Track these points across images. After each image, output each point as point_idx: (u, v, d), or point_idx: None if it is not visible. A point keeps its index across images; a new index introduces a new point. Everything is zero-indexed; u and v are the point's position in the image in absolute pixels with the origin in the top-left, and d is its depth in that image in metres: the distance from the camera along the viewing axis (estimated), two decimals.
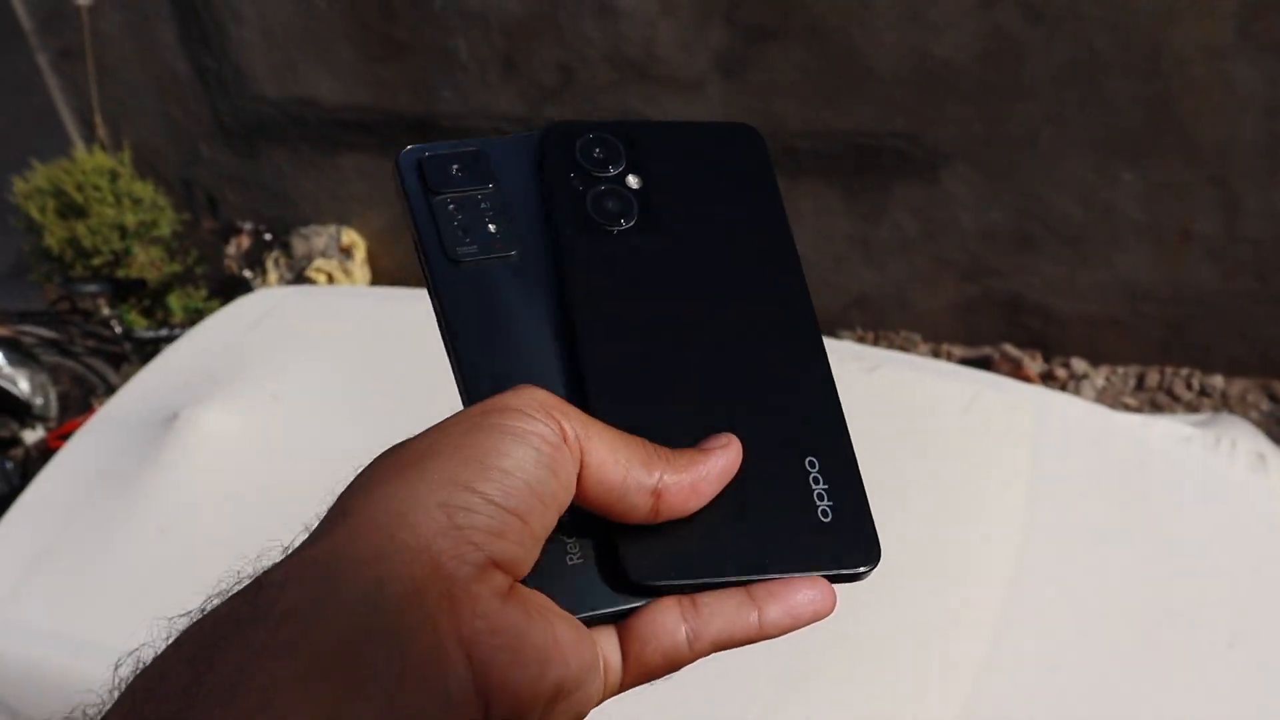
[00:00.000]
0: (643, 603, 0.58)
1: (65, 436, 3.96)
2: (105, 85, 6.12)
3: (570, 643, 0.52)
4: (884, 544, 0.63)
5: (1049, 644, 2.06)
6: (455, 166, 0.66)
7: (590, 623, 0.57)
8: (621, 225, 0.66)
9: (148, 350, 5.19)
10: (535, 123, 4.74)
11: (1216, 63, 4.04)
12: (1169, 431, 2.57)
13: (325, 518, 0.51)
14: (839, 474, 0.64)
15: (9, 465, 4.66)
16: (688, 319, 0.64)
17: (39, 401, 4.95)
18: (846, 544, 0.62)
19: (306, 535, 0.51)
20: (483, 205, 0.65)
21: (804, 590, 0.60)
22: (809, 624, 0.61)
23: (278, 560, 0.50)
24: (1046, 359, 4.97)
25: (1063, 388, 4.75)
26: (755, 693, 1.95)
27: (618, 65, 4.96)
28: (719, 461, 0.59)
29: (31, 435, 4.95)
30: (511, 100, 5.29)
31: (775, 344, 0.66)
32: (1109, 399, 4.72)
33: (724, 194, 0.69)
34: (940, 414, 2.50)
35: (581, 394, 0.61)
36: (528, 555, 0.52)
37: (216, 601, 0.49)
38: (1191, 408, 4.64)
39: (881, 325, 5.22)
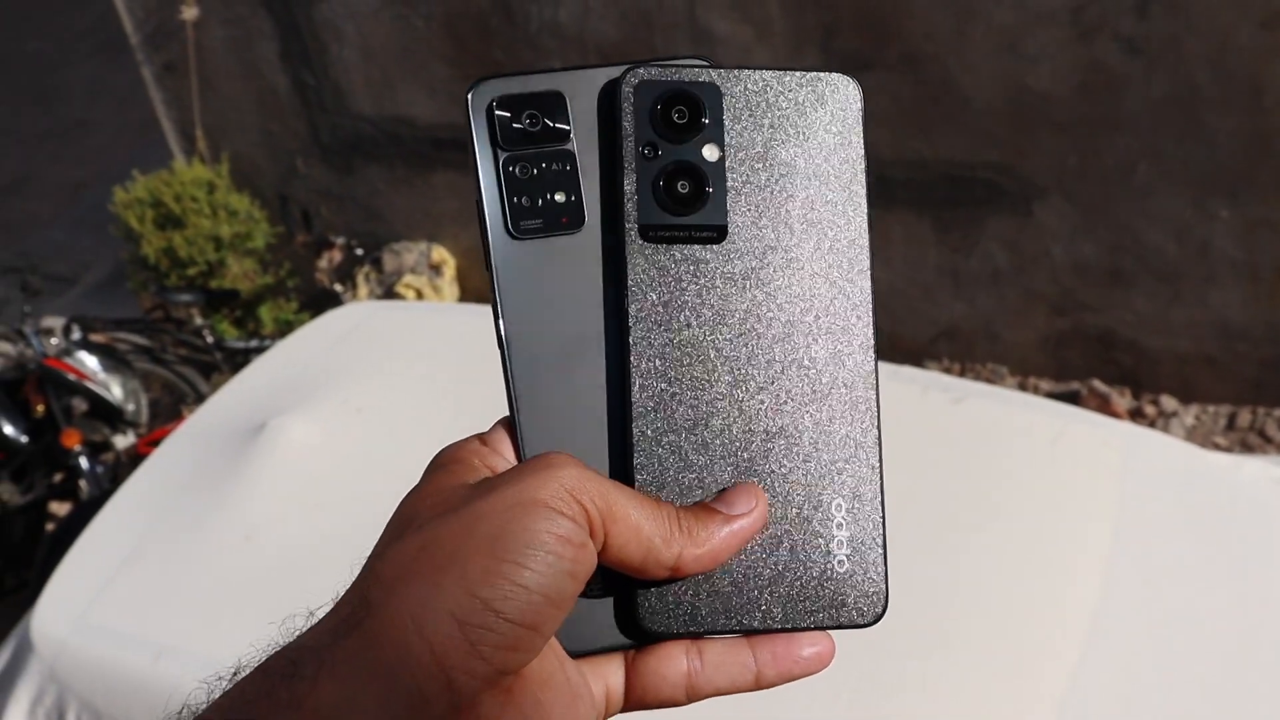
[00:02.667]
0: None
1: (155, 443, 4.02)
2: (206, 99, 6.22)
3: None
4: (969, 577, 0.62)
5: (1131, 682, 2.03)
6: (529, 117, 0.61)
7: (595, 653, 0.60)
8: (688, 215, 0.61)
9: (238, 360, 5.27)
10: None
11: None
12: (1260, 472, 2.52)
13: (353, 601, 0.53)
14: (864, 518, 0.63)
15: (99, 469, 4.74)
16: (741, 342, 0.62)
17: (131, 407, 5.03)
18: (856, 597, 0.63)
19: (334, 604, 0.55)
20: (553, 168, 0.61)
21: (807, 646, 0.62)
22: (806, 676, 0.63)
23: (307, 630, 0.53)
24: (1136, 396, 4.89)
25: (1151, 425, 4.67)
26: None
27: None
28: (743, 527, 0.60)
29: (122, 440, 5.04)
30: None
31: (827, 371, 0.63)
32: (1199, 438, 4.64)
33: (803, 178, 0.63)
34: (1027, 447, 2.47)
35: (625, 409, 0.61)
36: (535, 652, 0.54)
37: (247, 671, 0.54)
38: None
39: (969, 357, 5.17)
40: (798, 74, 0.64)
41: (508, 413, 0.62)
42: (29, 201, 8.62)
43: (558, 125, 0.62)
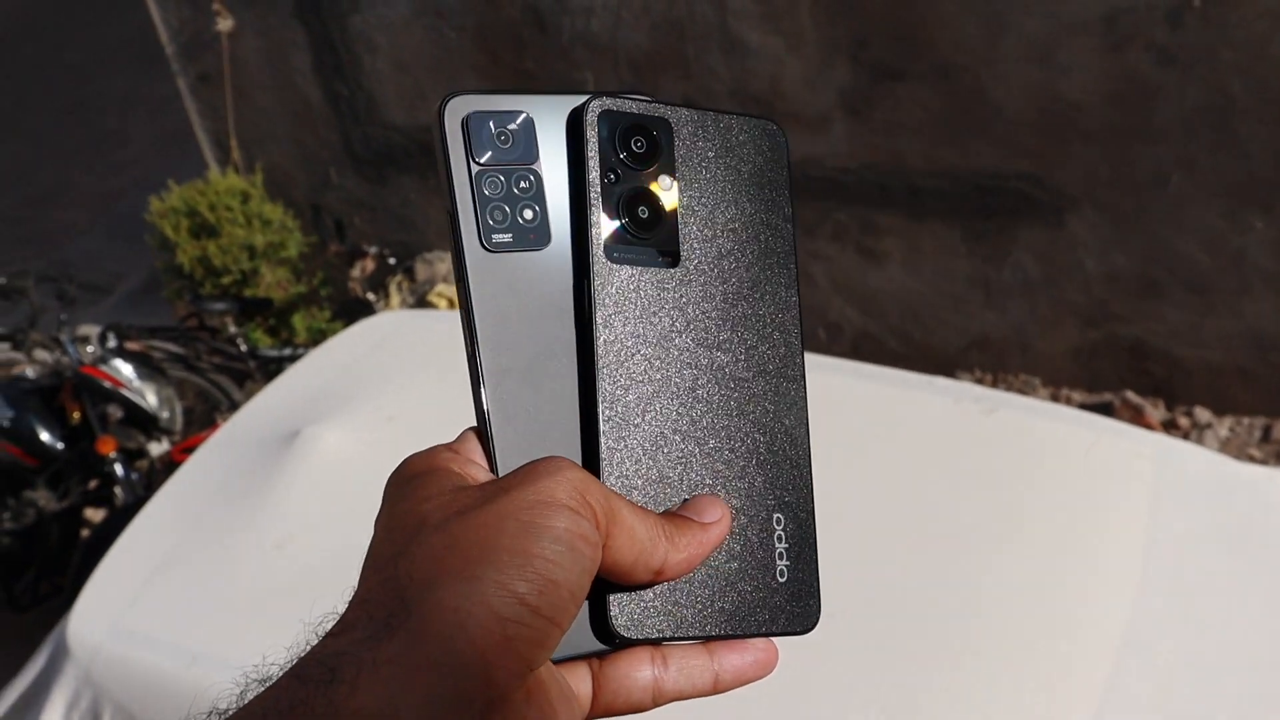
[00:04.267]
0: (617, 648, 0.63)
1: (189, 450, 4.04)
2: (241, 110, 6.27)
3: None
4: (1001, 588, 0.64)
5: (1164, 695, 2.02)
6: (501, 133, 0.63)
7: (570, 660, 0.62)
8: (647, 238, 0.65)
9: (271, 369, 5.29)
10: None
11: None
12: None
13: (388, 605, 0.52)
14: (799, 532, 0.68)
15: (134, 476, 4.78)
16: (694, 363, 0.65)
17: (165, 415, 5.06)
18: (795, 607, 0.67)
19: (355, 607, 0.54)
20: (523, 185, 0.64)
21: (754, 652, 0.65)
22: (756, 680, 0.66)
23: (335, 634, 0.53)
24: (1169, 407, 4.87)
25: (1185, 437, 4.65)
26: None
27: (743, 100, 4.97)
28: (715, 536, 0.63)
29: (157, 448, 5.07)
30: None
31: (766, 390, 0.68)
32: (1233, 450, 4.61)
33: (743, 210, 0.68)
34: (1059, 458, 2.46)
35: (593, 421, 0.63)
36: (551, 651, 0.55)
37: (276, 669, 0.54)
38: None
39: (1000, 368, 5.16)
40: (732, 116, 0.69)
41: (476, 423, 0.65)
42: (65, 211, 8.70)
43: (527, 145, 0.64)
